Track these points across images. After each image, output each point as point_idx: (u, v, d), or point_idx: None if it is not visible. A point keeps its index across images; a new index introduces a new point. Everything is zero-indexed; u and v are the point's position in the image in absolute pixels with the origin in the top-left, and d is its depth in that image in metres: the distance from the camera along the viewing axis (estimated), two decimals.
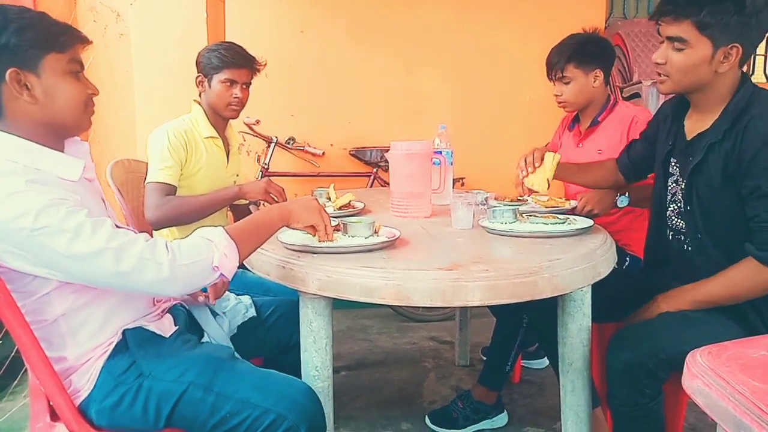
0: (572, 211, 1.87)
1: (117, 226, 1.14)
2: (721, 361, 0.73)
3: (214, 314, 1.44)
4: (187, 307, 1.42)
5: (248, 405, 1.12)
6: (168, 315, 1.33)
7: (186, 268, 1.05)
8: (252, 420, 1.12)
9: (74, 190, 1.09)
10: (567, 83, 1.97)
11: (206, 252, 1.08)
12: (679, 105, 1.52)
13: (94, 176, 1.24)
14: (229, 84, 1.93)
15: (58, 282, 1.07)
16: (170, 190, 1.82)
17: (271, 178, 2.08)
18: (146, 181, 1.82)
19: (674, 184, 1.51)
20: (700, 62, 1.32)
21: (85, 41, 1.13)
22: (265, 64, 2.04)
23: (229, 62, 1.91)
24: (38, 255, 1.00)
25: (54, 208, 0.98)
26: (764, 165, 1.28)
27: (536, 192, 1.67)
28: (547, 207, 1.83)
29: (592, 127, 2.04)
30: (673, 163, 1.51)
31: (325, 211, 1.30)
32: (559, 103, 2.03)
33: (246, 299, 1.56)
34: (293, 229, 1.29)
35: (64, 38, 1.08)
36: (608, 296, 1.47)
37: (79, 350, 1.14)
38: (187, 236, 1.13)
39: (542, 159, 1.63)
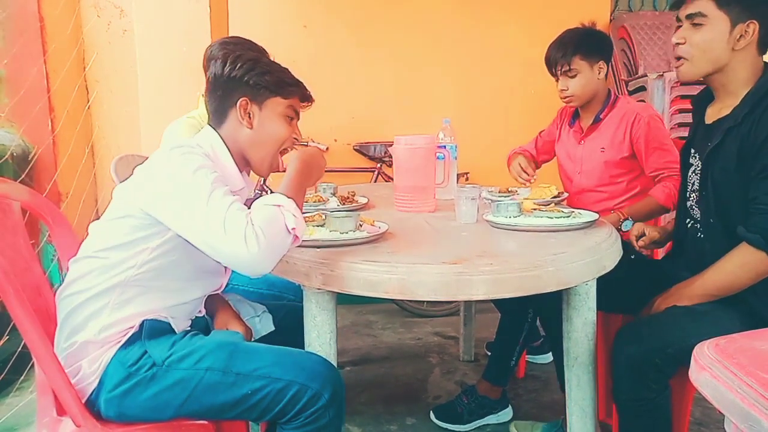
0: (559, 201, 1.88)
1: None
2: (729, 353, 0.72)
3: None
4: (207, 317, 1.43)
5: (270, 379, 1.14)
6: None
7: (270, 240, 1.09)
8: (275, 393, 1.14)
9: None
10: (573, 76, 1.95)
11: (281, 218, 1.13)
12: (702, 98, 1.52)
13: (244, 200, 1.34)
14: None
15: (171, 241, 1.18)
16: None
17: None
18: None
19: (693, 174, 1.51)
20: (719, 38, 1.34)
21: (308, 99, 1.37)
22: None
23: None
24: (183, 199, 1.11)
25: (210, 170, 1.16)
26: None
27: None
28: (535, 200, 1.83)
29: (595, 124, 2.03)
30: (692, 153, 1.51)
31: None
32: (565, 98, 2.01)
33: (259, 308, 1.55)
34: None
35: (291, 89, 1.33)
36: (616, 287, 1.46)
37: (107, 330, 1.17)
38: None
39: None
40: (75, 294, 1.19)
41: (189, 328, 1.30)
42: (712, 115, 1.47)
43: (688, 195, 1.53)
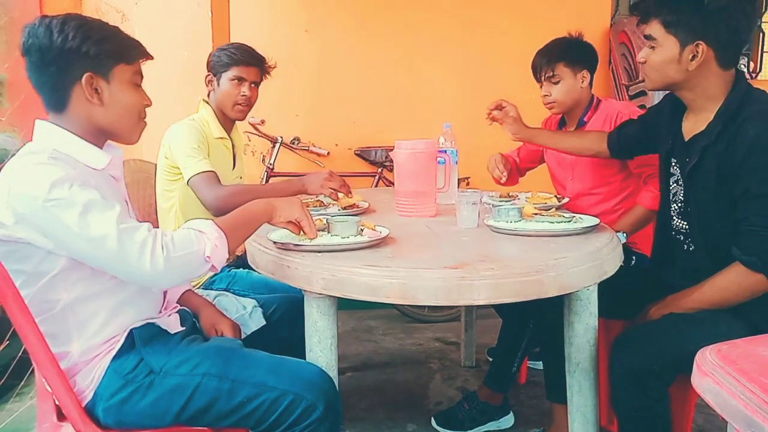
0: (562, 207, 1.88)
1: None
2: (732, 359, 0.72)
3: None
4: (194, 312, 1.43)
5: (265, 388, 1.14)
6: (176, 314, 1.34)
7: (179, 260, 1.07)
8: (270, 402, 1.13)
9: (94, 178, 1.13)
10: (556, 83, 1.98)
11: (198, 243, 1.10)
12: (675, 104, 1.52)
13: (120, 177, 1.28)
14: (237, 82, 1.93)
15: (66, 262, 1.09)
16: (217, 176, 1.82)
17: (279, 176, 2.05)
18: (192, 174, 1.79)
19: (675, 184, 1.52)
20: (668, 60, 1.37)
21: (148, 57, 1.24)
22: (275, 66, 2.04)
23: (238, 60, 1.92)
24: (48, 226, 1.03)
25: (68, 182, 1.04)
26: (754, 167, 1.28)
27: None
28: (536, 204, 1.83)
29: (580, 128, 2.04)
30: (673, 163, 1.52)
31: (307, 209, 1.31)
32: (547, 104, 2.04)
33: (249, 304, 1.55)
34: (275, 225, 1.31)
35: (134, 52, 1.20)
36: (616, 293, 1.46)
37: (85, 346, 1.15)
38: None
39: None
40: (39, 320, 1.12)
41: (183, 328, 1.30)
42: (688, 129, 1.47)
43: (669, 203, 1.54)
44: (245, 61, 1.93)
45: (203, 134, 1.88)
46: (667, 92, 1.61)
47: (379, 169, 3.16)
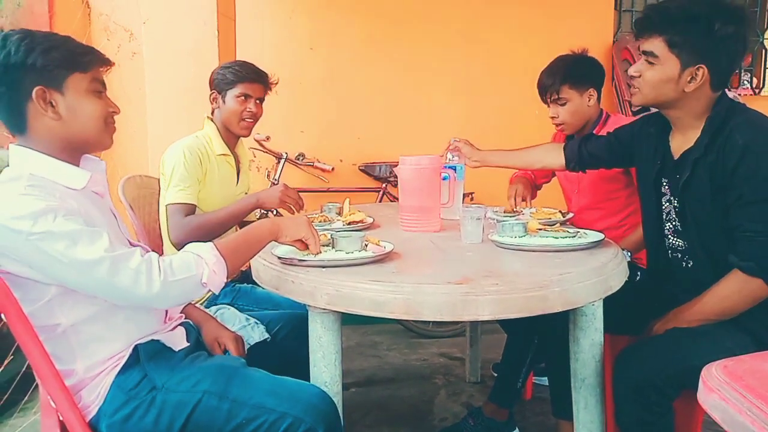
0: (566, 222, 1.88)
1: (131, 243, 1.18)
2: (738, 375, 0.71)
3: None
4: (197, 326, 1.43)
5: (264, 410, 1.13)
6: (180, 328, 1.34)
7: (176, 284, 1.08)
8: (269, 425, 1.12)
9: (76, 199, 1.11)
10: (563, 104, 1.98)
11: (196, 268, 1.11)
12: (661, 124, 1.53)
13: (104, 192, 1.26)
14: (243, 98, 1.95)
15: (57, 289, 1.08)
16: (190, 209, 1.84)
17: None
18: (166, 203, 1.83)
19: (667, 203, 1.53)
20: (667, 79, 1.37)
21: (107, 63, 1.19)
22: (278, 82, 2.07)
23: (243, 77, 1.95)
24: (34, 259, 1.02)
25: (51, 213, 1.01)
26: (745, 175, 1.30)
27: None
28: (540, 219, 1.84)
29: None
30: (664, 183, 1.53)
31: (313, 226, 1.32)
32: (557, 125, 2.04)
33: (251, 319, 1.56)
34: (282, 243, 1.32)
35: (87, 59, 1.14)
36: (621, 309, 1.46)
37: (89, 363, 1.15)
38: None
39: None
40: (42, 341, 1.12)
41: (188, 344, 1.30)
42: (676, 147, 1.49)
43: (663, 223, 1.54)
44: (250, 78, 1.96)
45: (200, 155, 1.88)
46: (643, 115, 1.64)
47: (384, 185, 3.17)
